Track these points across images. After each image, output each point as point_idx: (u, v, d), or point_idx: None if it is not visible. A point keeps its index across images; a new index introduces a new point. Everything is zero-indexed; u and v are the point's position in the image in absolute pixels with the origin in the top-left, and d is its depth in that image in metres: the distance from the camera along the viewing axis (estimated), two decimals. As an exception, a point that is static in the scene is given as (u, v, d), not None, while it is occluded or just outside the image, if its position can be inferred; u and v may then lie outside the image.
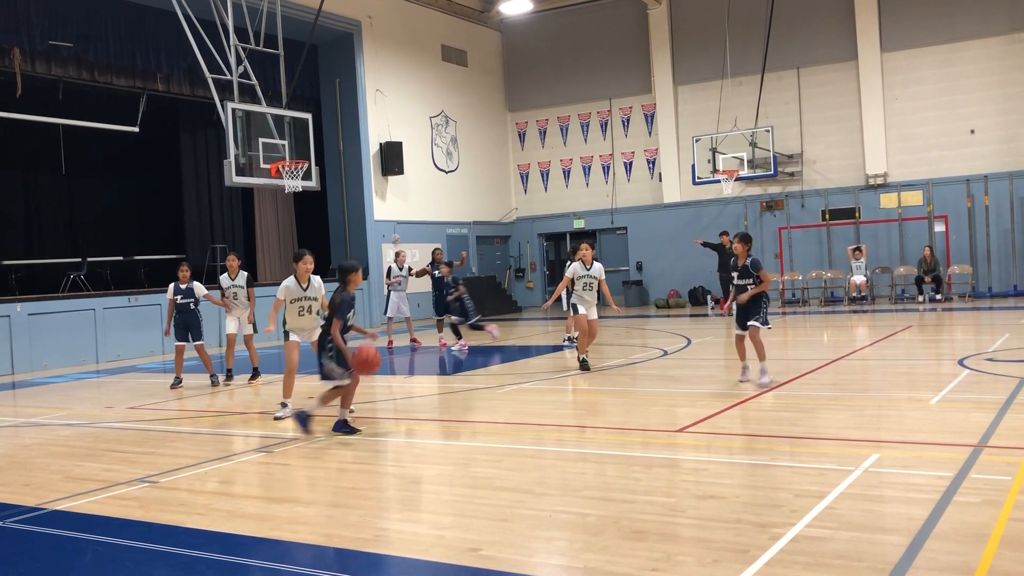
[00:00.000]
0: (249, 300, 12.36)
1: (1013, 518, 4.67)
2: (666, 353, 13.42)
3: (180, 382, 12.05)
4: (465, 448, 7.62)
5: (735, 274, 9.77)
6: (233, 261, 12.48)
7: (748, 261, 9.63)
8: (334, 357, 7.93)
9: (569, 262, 11.98)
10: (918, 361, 11.80)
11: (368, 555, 4.72)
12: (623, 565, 4.30)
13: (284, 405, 9.18)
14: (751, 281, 9.56)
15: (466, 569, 4.42)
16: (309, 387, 11.82)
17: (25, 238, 23.16)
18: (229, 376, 12.46)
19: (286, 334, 9.36)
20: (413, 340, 16.40)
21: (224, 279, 12.38)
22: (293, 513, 5.55)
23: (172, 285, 12.16)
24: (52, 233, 23.77)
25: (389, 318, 16.68)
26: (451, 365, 13.83)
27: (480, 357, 14.61)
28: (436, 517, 5.42)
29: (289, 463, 7.13)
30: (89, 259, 20.23)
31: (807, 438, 6.97)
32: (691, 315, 21.55)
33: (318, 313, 9.15)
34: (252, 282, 12.48)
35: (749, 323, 9.55)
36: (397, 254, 16.98)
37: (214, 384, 12.13)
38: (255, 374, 12.50)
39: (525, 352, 14.99)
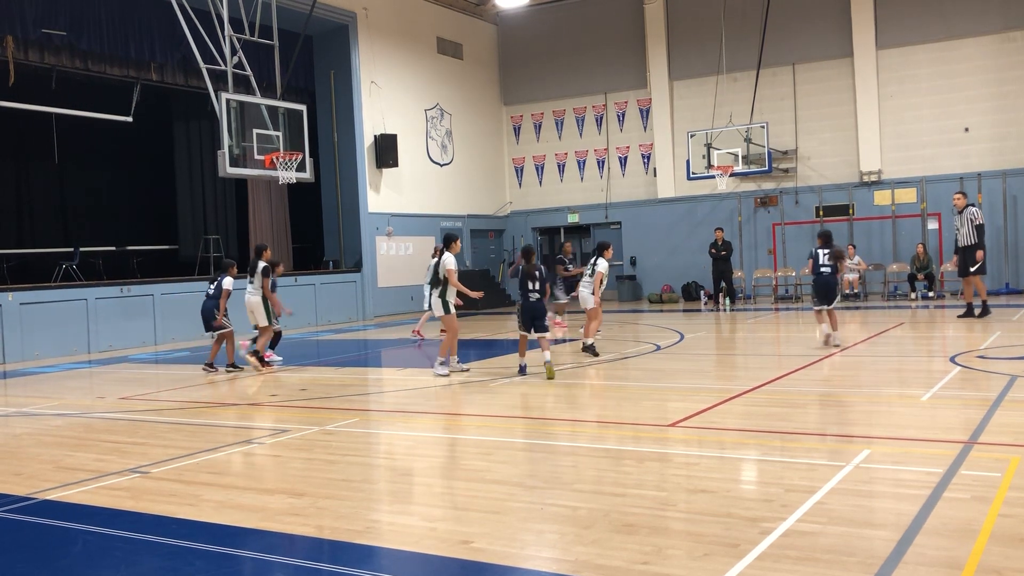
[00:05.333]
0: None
1: (1002, 514, 4.69)
2: (659, 348, 13.44)
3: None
4: (457, 441, 7.63)
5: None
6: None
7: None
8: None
9: (596, 258, 12.60)
10: (910, 358, 11.84)
11: (359, 547, 4.72)
12: (614, 558, 4.31)
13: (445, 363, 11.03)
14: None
15: (457, 561, 4.42)
16: (302, 378, 11.79)
17: (17, 227, 23.03)
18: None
19: (447, 305, 11.10)
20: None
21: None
22: (284, 504, 5.55)
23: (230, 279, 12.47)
24: (44, 222, 23.64)
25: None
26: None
27: (472, 351, 14.61)
28: (427, 509, 5.42)
29: (280, 454, 7.13)
30: (81, 249, 20.15)
31: (798, 433, 6.99)
32: (684, 310, 21.56)
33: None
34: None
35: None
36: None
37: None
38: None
39: (517, 346, 14.97)
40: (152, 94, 20.71)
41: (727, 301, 21.17)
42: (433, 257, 16.44)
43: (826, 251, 12.70)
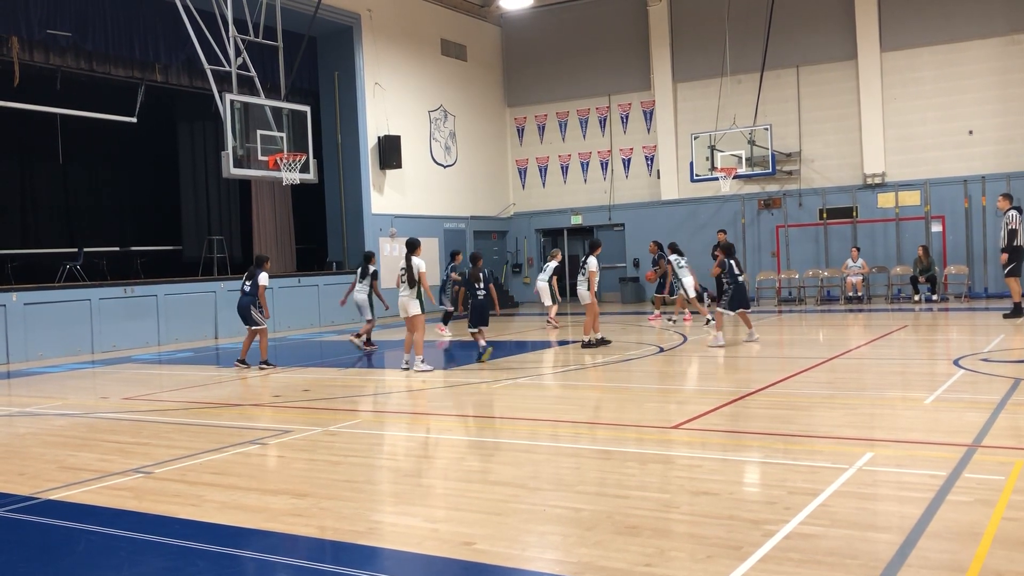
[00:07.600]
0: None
1: (1006, 517, 4.68)
2: (662, 350, 13.44)
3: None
4: (459, 442, 7.63)
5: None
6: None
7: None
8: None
9: (587, 257, 14.20)
10: (913, 361, 11.82)
11: (361, 547, 4.73)
12: (616, 560, 4.31)
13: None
14: None
15: (459, 563, 4.42)
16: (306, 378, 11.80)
17: (21, 227, 23.09)
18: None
19: (422, 305, 11.82)
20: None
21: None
22: (287, 505, 5.55)
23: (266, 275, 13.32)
24: (48, 223, 23.70)
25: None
26: (447, 360, 13.84)
27: (475, 352, 14.60)
28: (430, 510, 5.42)
29: (283, 455, 7.13)
30: (85, 249, 20.18)
31: (801, 436, 6.98)
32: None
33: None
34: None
35: None
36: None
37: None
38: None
39: (521, 347, 14.99)
40: (156, 95, 20.74)
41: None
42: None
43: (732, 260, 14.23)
